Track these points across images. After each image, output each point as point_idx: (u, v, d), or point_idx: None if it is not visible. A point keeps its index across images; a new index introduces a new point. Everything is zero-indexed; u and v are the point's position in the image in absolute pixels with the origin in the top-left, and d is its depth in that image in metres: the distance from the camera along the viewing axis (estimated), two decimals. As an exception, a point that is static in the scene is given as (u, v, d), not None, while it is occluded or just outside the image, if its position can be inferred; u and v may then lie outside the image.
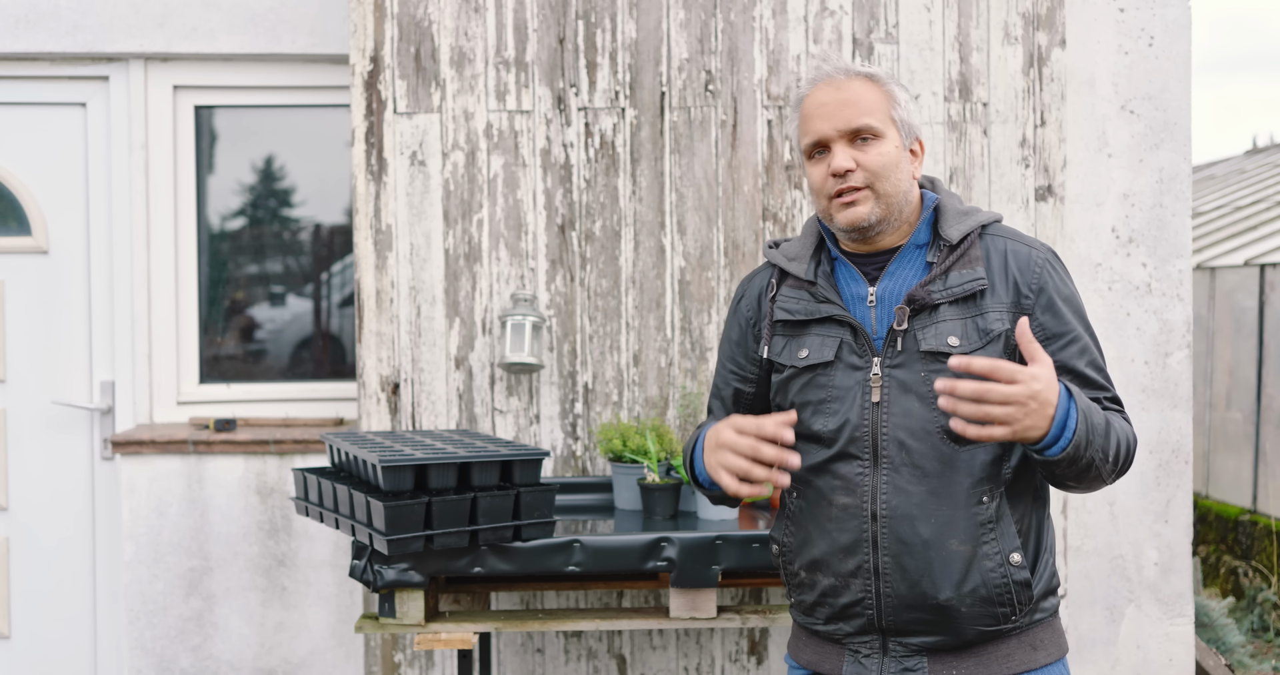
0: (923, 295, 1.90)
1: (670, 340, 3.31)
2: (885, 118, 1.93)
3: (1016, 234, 1.99)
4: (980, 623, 1.90)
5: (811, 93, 1.98)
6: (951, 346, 1.88)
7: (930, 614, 1.89)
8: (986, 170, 3.32)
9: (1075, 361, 1.91)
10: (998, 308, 1.90)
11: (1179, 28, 3.41)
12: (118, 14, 3.75)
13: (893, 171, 1.92)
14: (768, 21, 3.30)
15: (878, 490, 1.91)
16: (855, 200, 1.91)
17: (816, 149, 1.96)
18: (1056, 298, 1.92)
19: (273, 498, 3.67)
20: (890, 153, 1.92)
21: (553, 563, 2.67)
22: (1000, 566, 1.88)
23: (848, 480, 1.93)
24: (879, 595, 1.91)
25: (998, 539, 1.88)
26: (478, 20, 3.31)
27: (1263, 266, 6.26)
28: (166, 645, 3.68)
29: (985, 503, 1.88)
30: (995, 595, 1.89)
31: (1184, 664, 3.45)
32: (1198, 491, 6.68)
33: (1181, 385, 3.42)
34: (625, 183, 3.32)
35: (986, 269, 1.93)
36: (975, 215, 1.98)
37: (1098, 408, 1.84)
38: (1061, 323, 1.92)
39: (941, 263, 1.93)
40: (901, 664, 1.93)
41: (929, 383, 1.88)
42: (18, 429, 3.86)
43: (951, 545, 1.88)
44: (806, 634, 2.05)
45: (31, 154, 3.87)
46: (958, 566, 1.88)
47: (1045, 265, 1.94)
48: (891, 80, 1.97)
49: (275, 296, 4.05)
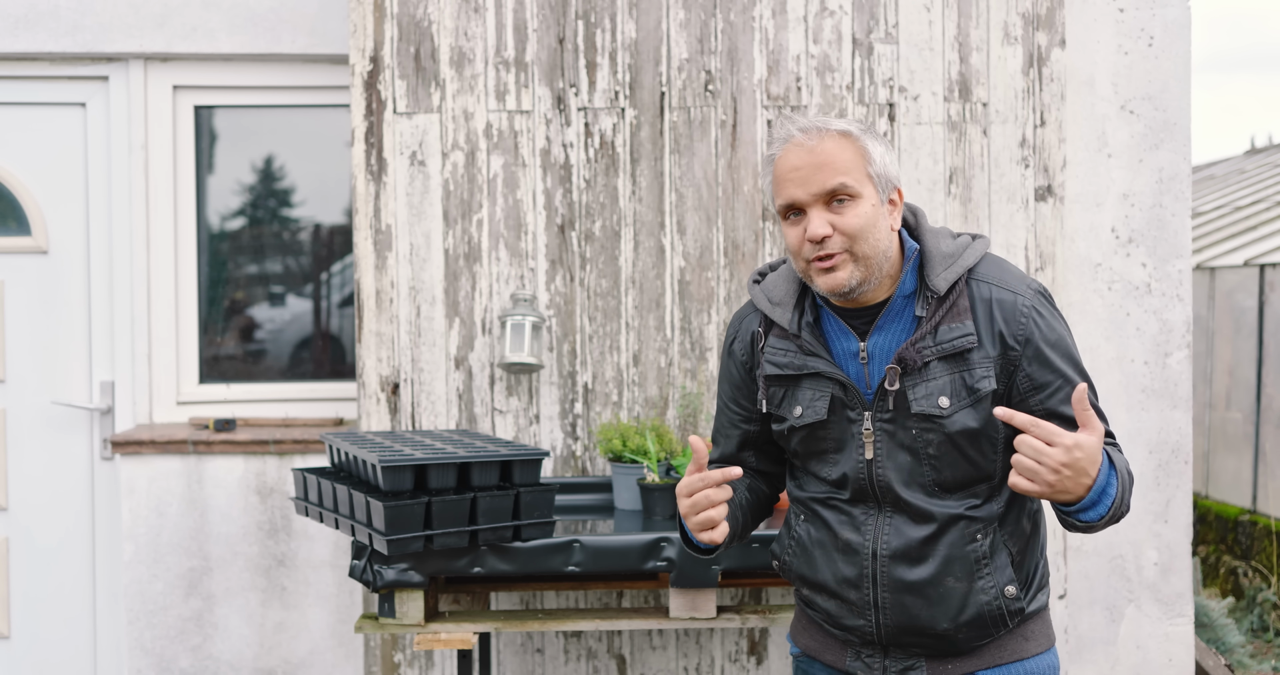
0: (912, 355, 1.89)
1: (670, 340, 3.31)
2: (861, 176, 1.86)
3: (1001, 276, 1.93)
4: (976, 641, 1.97)
5: (783, 154, 1.90)
6: (942, 408, 1.88)
7: (928, 637, 1.96)
8: (986, 170, 3.32)
9: (1064, 408, 1.90)
10: (985, 364, 1.89)
11: (1179, 28, 3.41)
12: (117, 14, 3.75)
13: (870, 232, 1.85)
14: (768, 21, 3.30)
15: (880, 531, 1.95)
16: (834, 265, 1.86)
17: (791, 211, 1.90)
18: (1044, 347, 1.90)
19: (272, 498, 3.67)
20: (867, 212, 1.85)
21: (552, 563, 2.67)
22: (996, 599, 1.94)
23: (853, 518, 1.98)
24: (879, 625, 1.97)
25: (993, 573, 1.93)
26: (477, 20, 3.31)
27: (1262, 266, 6.26)
28: (166, 645, 3.68)
29: (979, 540, 1.93)
30: (990, 621, 1.95)
31: (1184, 664, 3.45)
32: (1197, 491, 6.68)
33: (1181, 385, 3.42)
34: (625, 183, 3.32)
35: (974, 321, 1.90)
36: (960, 259, 1.92)
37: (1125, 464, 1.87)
38: (1049, 371, 1.90)
39: (930, 317, 1.90)
40: (901, 664, 1.99)
41: (921, 441, 1.91)
42: (17, 429, 3.86)
43: (949, 583, 1.93)
44: (810, 623, 2.10)
45: (31, 154, 3.87)
46: (955, 602, 1.93)
47: (1031, 313, 1.90)
48: (866, 133, 1.89)
49: (275, 296, 4.05)
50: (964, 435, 1.89)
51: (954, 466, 1.91)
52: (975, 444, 1.90)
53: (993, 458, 1.91)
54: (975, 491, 1.93)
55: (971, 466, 1.91)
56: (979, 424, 1.89)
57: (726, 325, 3.31)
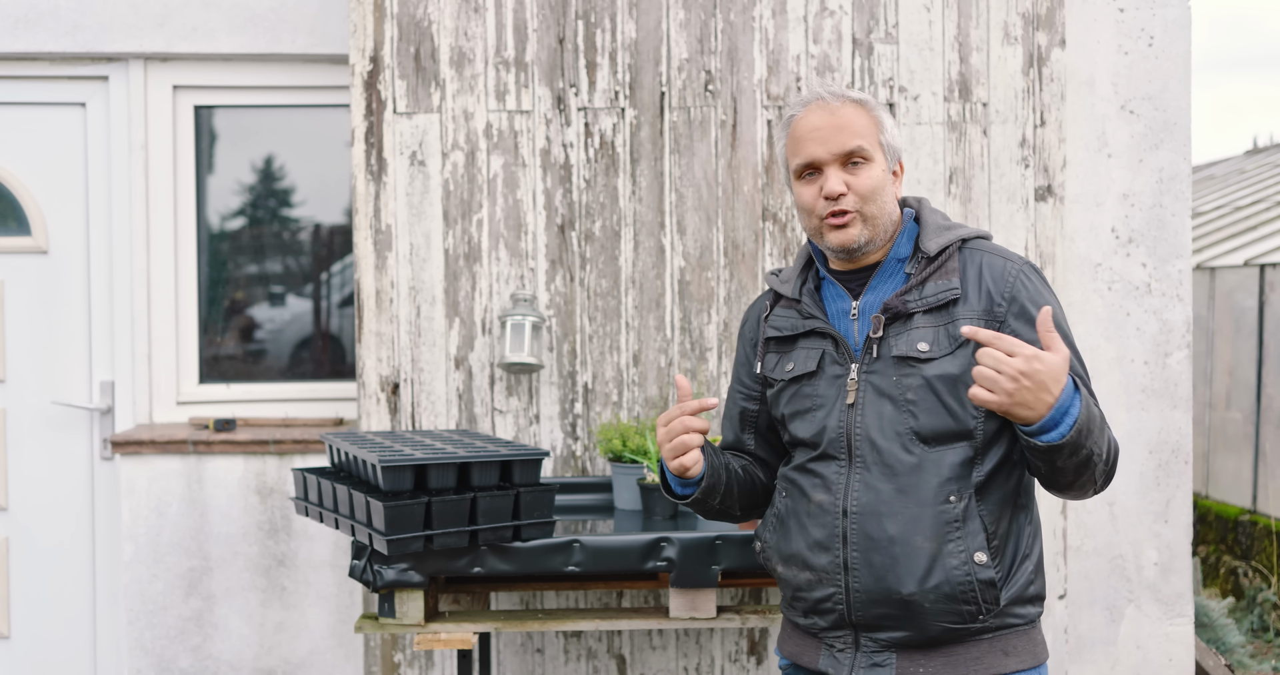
0: (898, 304, 1.98)
1: (670, 340, 3.32)
2: (875, 142, 2.00)
3: (997, 249, 2.04)
4: (945, 619, 1.93)
5: (803, 114, 2.04)
6: (921, 351, 1.94)
7: (896, 609, 1.94)
8: (986, 170, 3.32)
9: None
10: (969, 315, 1.96)
11: (1179, 28, 3.41)
12: (117, 14, 3.75)
13: (880, 195, 1.99)
14: (768, 21, 3.30)
15: (850, 488, 1.98)
16: (846, 223, 1.99)
17: (807, 170, 2.03)
18: (1030, 306, 1.96)
19: (272, 498, 3.67)
20: (878, 176, 1.99)
21: (552, 563, 2.67)
22: (964, 564, 1.92)
23: (825, 478, 2.01)
24: (848, 590, 1.97)
25: (963, 538, 1.92)
26: (477, 20, 3.31)
27: (1263, 266, 6.26)
28: (166, 645, 3.68)
29: (953, 502, 1.93)
30: (959, 592, 1.92)
31: (1184, 664, 3.45)
32: (1198, 491, 6.68)
33: (1181, 385, 3.42)
34: (625, 183, 3.32)
35: (961, 280, 1.98)
36: (956, 230, 2.04)
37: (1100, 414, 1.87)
38: (1033, 330, 1.93)
39: (919, 274, 1.99)
40: (871, 659, 1.98)
41: (900, 387, 1.95)
42: (17, 429, 3.86)
43: (916, 542, 1.93)
44: (790, 627, 2.13)
45: (31, 154, 3.87)
46: (922, 562, 1.92)
47: (1020, 275, 1.98)
48: (879, 106, 2.05)
49: (275, 296, 4.05)
50: (942, 380, 1.92)
51: (931, 413, 1.93)
52: (954, 391, 1.92)
53: (974, 412, 1.93)
54: (954, 449, 1.93)
55: (950, 417, 1.93)
56: (958, 370, 1.92)
57: (726, 325, 3.31)
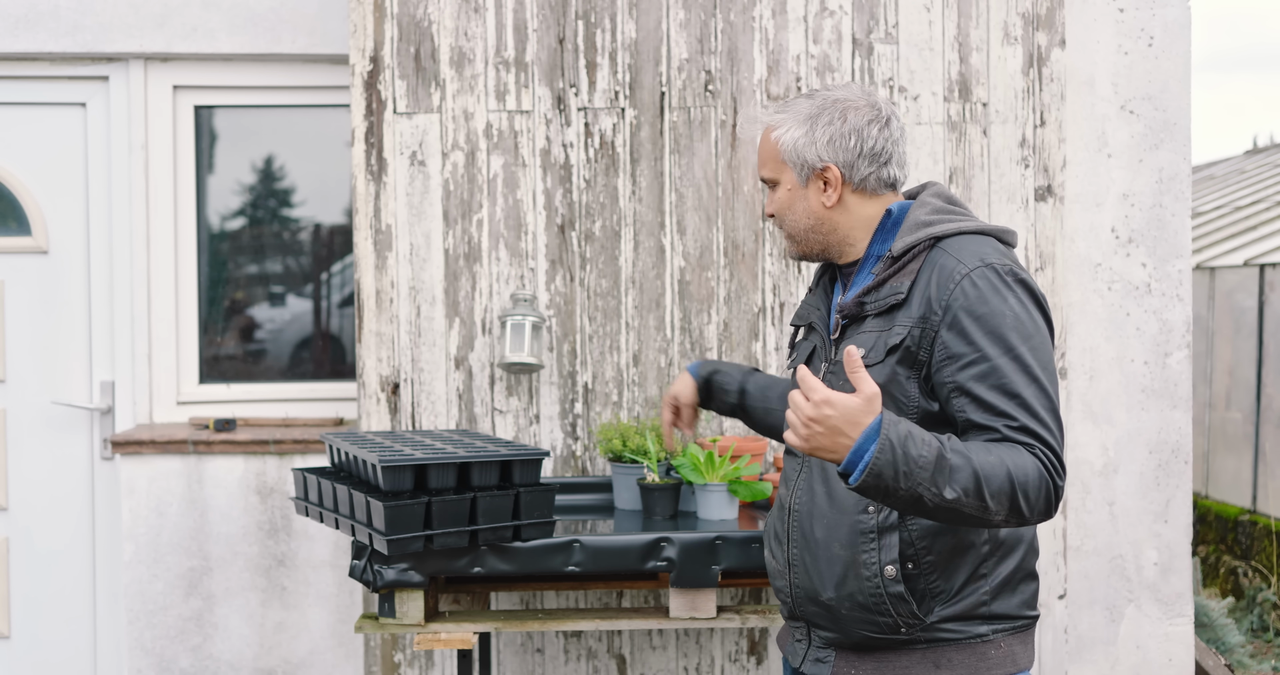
0: (851, 306, 1.98)
1: (670, 340, 3.32)
2: (777, 164, 2.04)
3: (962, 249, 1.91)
4: (862, 627, 1.93)
5: None
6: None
7: (821, 609, 1.98)
8: (986, 170, 3.32)
9: (972, 384, 1.82)
10: (905, 322, 1.89)
11: (1179, 28, 3.41)
12: (117, 14, 3.75)
13: (787, 213, 2.05)
14: (768, 21, 3.30)
15: (797, 486, 2.03)
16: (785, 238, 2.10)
17: None
18: (963, 316, 1.84)
19: (273, 498, 3.67)
20: (782, 198, 2.05)
21: (552, 563, 2.67)
22: (874, 577, 1.89)
23: (787, 476, 2.08)
24: (791, 585, 2.03)
25: (876, 550, 1.90)
26: (478, 20, 3.31)
27: (1262, 266, 6.26)
28: (166, 645, 3.68)
29: (870, 513, 1.90)
30: (870, 604, 1.91)
31: (1183, 664, 3.45)
32: (1197, 491, 6.68)
33: (1181, 385, 3.42)
34: (625, 183, 3.32)
35: (913, 283, 1.90)
36: (933, 227, 1.93)
37: (933, 440, 1.72)
38: (964, 342, 1.83)
39: (880, 275, 1.95)
40: (816, 653, 2.03)
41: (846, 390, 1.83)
42: (18, 429, 3.86)
43: (834, 549, 1.94)
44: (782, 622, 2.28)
45: (31, 154, 3.87)
46: (838, 569, 1.94)
47: (963, 281, 1.85)
48: (786, 122, 2.00)
49: (275, 296, 4.05)
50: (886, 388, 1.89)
51: None
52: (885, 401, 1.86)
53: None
54: None
55: None
56: (883, 380, 1.88)
57: (726, 325, 3.31)
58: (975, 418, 1.82)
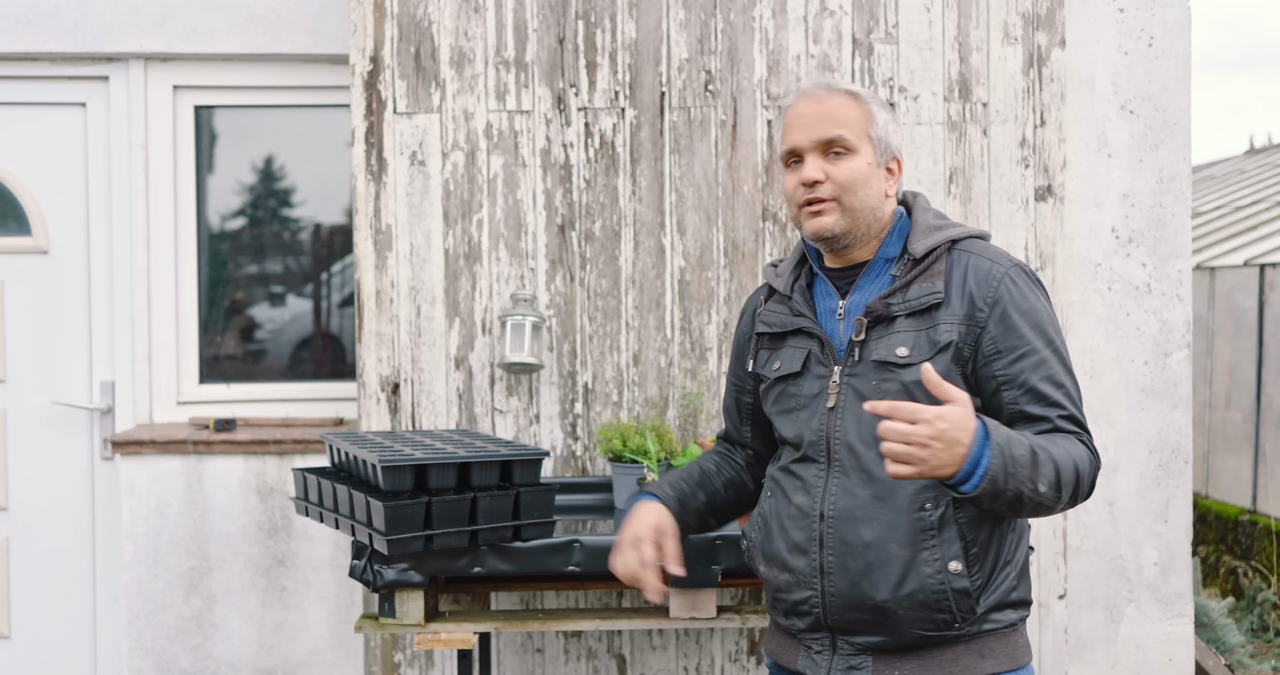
0: (880, 308, 1.96)
1: (670, 340, 3.32)
2: (860, 133, 1.99)
3: (987, 250, 2.00)
4: (919, 627, 1.93)
5: (794, 104, 2.06)
6: (900, 357, 1.93)
7: (870, 614, 1.93)
8: (986, 170, 3.32)
9: (1028, 376, 1.91)
10: (950, 319, 1.93)
11: (1179, 28, 3.41)
12: (118, 14, 3.75)
13: (860, 186, 1.97)
14: (768, 21, 3.30)
15: (828, 492, 1.97)
16: (822, 210, 1.99)
17: (792, 158, 2.03)
18: (1011, 311, 1.93)
19: (273, 498, 3.67)
20: (860, 168, 1.98)
21: (553, 563, 2.67)
22: (938, 573, 1.90)
23: (805, 481, 2.00)
24: (824, 594, 1.96)
25: (938, 546, 1.91)
26: (478, 20, 3.31)
27: (1262, 266, 6.26)
28: (166, 645, 3.68)
29: (928, 510, 1.91)
30: (932, 601, 1.91)
31: (1184, 664, 3.45)
32: (1197, 491, 6.68)
33: (1181, 385, 3.42)
34: (625, 183, 3.32)
35: (946, 283, 1.96)
36: (946, 230, 2.01)
37: (1023, 438, 1.81)
38: (1014, 336, 1.92)
39: (904, 276, 1.97)
40: (848, 661, 1.97)
41: (880, 391, 1.93)
42: (18, 429, 3.86)
43: (891, 548, 1.91)
44: (774, 627, 2.14)
45: (31, 154, 3.87)
46: (896, 570, 1.91)
47: (1004, 279, 1.95)
48: (875, 100, 2.03)
49: (275, 296, 4.05)
50: (920, 387, 1.89)
51: None
52: (932, 398, 1.87)
53: None
54: None
55: None
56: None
57: (726, 325, 3.31)
58: (1029, 408, 1.91)
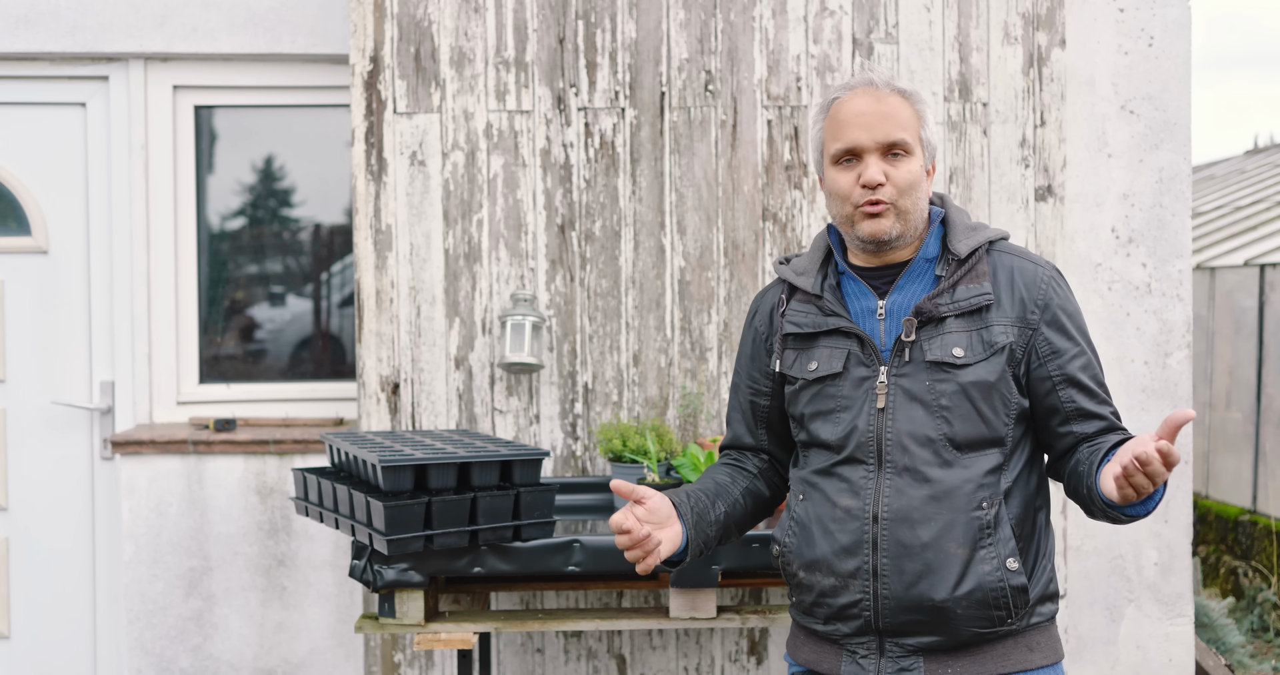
0: (930, 308, 1.95)
1: (670, 340, 3.32)
2: (915, 136, 1.98)
3: (1023, 252, 2.05)
4: (976, 624, 1.93)
5: (848, 98, 2.00)
6: (956, 357, 1.93)
7: (927, 615, 1.92)
8: (986, 170, 3.32)
9: (1080, 375, 1.98)
10: (1003, 321, 1.96)
11: (1179, 28, 3.41)
12: (117, 14, 3.75)
13: (915, 190, 1.96)
14: (768, 21, 3.30)
15: (880, 493, 1.94)
16: (880, 212, 1.95)
17: (846, 156, 1.98)
18: (1061, 314, 1.98)
19: (273, 498, 3.67)
20: (916, 171, 1.96)
21: (553, 563, 2.67)
22: (997, 571, 1.91)
23: (852, 483, 1.97)
24: (876, 597, 1.94)
25: (995, 544, 1.92)
26: (478, 20, 3.31)
27: (1263, 266, 6.26)
28: (166, 645, 3.68)
29: (985, 508, 1.92)
30: (991, 599, 1.92)
31: (1184, 664, 3.45)
32: (1198, 491, 6.68)
33: (1181, 385, 3.42)
34: (625, 183, 3.32)
35: (993, 284, 1.98)
36: (983, 231, 2.03)
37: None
38: (1065, 338, 1.98)
39: (950, 277, 1.97)
40: (898, 664, 1.95)
41: (934, 392, 1.93)
42: (18, 429, 3.86)
43: (950, 548, 1.91)
44: (805, 633, 2.07)
45: (31, 154, 3.87)
46: (955, 569, 1.91)
47: (1051, 282, 2.00)
48: (923, 101, 2.04)
49: (275, 296, 4.05)
50: (977, 387, 1.92)
51: (966, 420, 1.92)
52: (988, 398, 1.93)
53: (1005, 419, 1.94)
54: (986, 455, 1.93)
55: (984, 424, 1.93)
56: (994, 377, 1.93)
57: (726, 325, 3.31)
58: (1087, 406, 1.97)
